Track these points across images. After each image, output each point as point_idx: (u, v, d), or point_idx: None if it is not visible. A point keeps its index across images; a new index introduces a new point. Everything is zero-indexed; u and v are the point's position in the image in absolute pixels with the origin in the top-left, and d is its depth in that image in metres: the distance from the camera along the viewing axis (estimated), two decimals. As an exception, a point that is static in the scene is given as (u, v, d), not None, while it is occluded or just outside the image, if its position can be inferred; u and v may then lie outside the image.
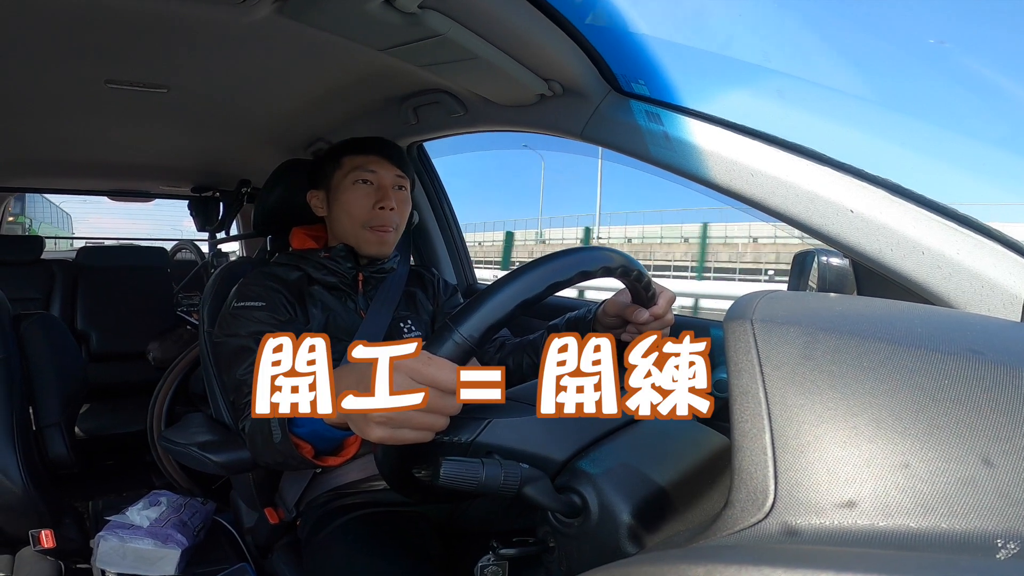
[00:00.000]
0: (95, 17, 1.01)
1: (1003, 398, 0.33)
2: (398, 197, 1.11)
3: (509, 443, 0.59)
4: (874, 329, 0.39)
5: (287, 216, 1.26)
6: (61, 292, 2.54)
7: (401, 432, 0.52)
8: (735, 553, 0.31)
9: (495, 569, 0.60)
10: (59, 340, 1.41)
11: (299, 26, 0.95)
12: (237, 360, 0.98)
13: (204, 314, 1.22)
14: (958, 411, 0.33)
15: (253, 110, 1.59)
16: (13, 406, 1.16)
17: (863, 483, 0.32)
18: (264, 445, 0.78)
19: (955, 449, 0.32)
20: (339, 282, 1.11)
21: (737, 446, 0.36)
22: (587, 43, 0.96)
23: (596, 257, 0.62)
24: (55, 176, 2.59)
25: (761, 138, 0.88)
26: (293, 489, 1.09)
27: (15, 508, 1.14)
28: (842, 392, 0.35)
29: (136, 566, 1.26)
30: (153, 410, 1.95)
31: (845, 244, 0.81)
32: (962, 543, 0.29)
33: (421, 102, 1.33)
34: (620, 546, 0.52)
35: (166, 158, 2.28)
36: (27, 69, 1.23)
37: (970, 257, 0.73)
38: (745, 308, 0.42)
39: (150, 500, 1.43)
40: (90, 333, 2.54)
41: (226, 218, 2.75)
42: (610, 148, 1.04)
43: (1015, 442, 0.32)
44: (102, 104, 1.50)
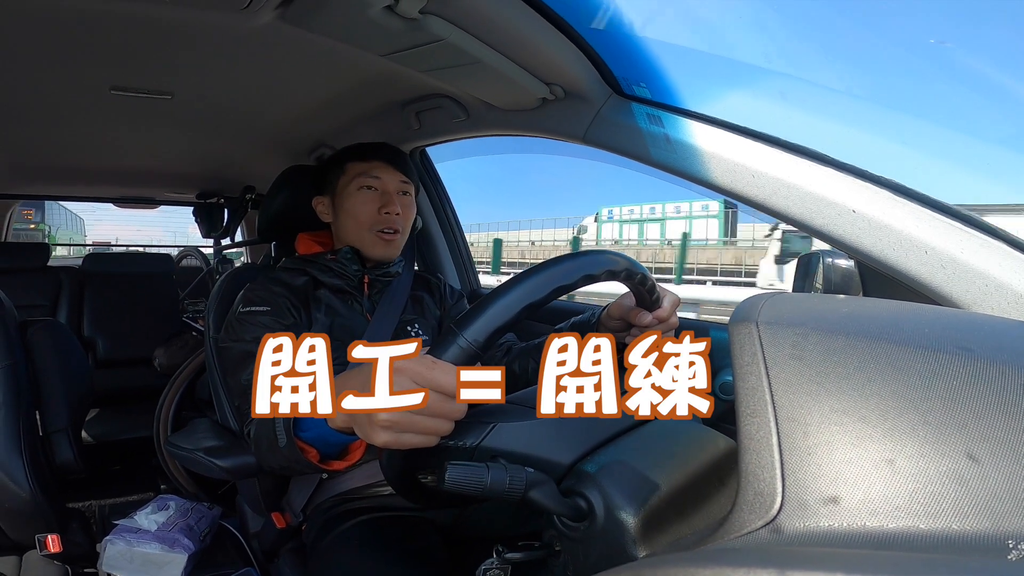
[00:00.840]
0: (100, 24, 1.02)
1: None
2: (403, 202, 1.12)
3: (514, 447, 0.59)
4: (881, 331, 0.39)
5: (291, 222, 1.27)
6: (68, 299, 2.55)
7: (406, 436, 0.53)
8: (742, 556, 0.31)
9: (498, 572, 0.60)
10: (66, 346, 1.42)
11: (302, 32, 0.96)
12: (242, 365, 0.98)
13: (210, 320, 1.23)
14: (961, 411, 0.33)
15: (257, 116, 1.59)
16: (20, 412, 1.16)
17: (871, 486, 0.32)
18: (269, 449, 0.78)
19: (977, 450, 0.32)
20: (345, 284, 1.12)
21: (744, 448, 0.36)
22: (588, 47, 0.96)
23: (600, 261, 0.62)
24: (60, 183, 2.61)
25: (763, 139, 0.88)
26: (301, 494, 1.09)
27: (22, 513, 1.14)
28: (850, 394, 0.35)
29: (143, 570, 1.26)
30: (159, 415, 1.95)
31: (849, 245, 0.81)
32: (973, 544, 0.29)
33: (423, 107, 1.33)
34: (626, 549, 0.52)
35: (171, 164, 2.29)
36: (32, 76, 1.24)
37: (976, 257, 0.73)
38: (750, 310, 0.42)
39: (158, 504, 1.43)
40: (96, 339, 2.55)
41: (231, 224, 2.77)
42: (612, 151, 1.04)
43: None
44: (107, 111, 1.51)
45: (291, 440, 0.72)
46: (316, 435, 0.70)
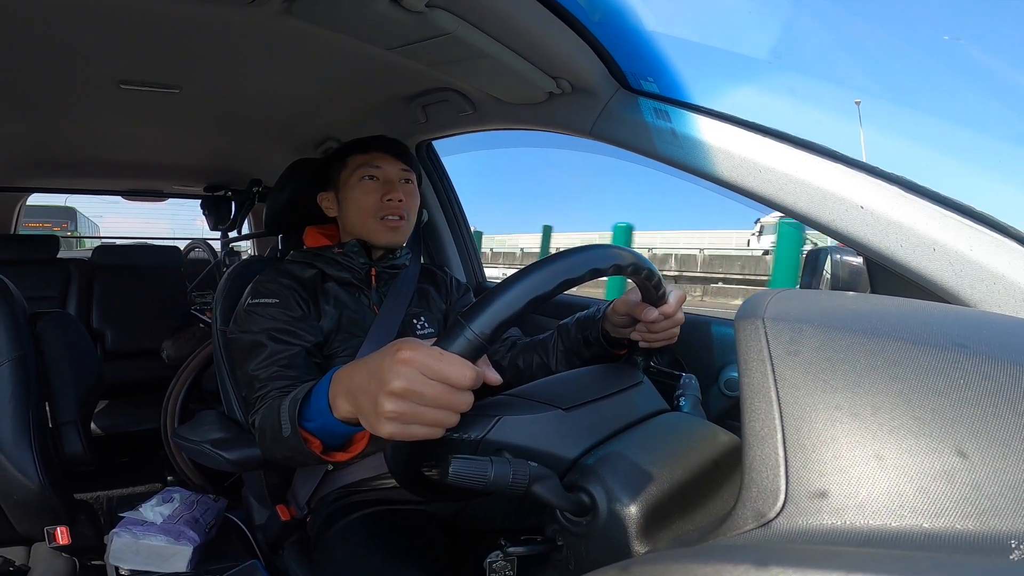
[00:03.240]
0: (108, 19, 1.02)
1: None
2: (405, 190, 1.12)
3: (518, 441, 0.59)
4: (888, 328, 0.38)
5: (298, 215, 1.27)
6: (77, 291, 2.57)
7: (411, 428, 0.53)
8: (745, 553, 0.30)
9: (504, 564, 0.60)
10: (75, 338, 1.42)
11: (308, 26, 0.96)
12: (250, 355, 0.99)
13: (217, 312, 1.23)
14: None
15: (264, 110, 1.60)
16: (30, 404, 1.17)
17: (875, 483, 0.32)
18: (273, 439, 0.78)
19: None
20: (353, 277, 1.12)
21: (748, 445, 0.36)
22: (596, 40, 0.96)
23: (607, 255, 0.62)
24: (69, 176, 2.62)
25: (771, 135, 0.87)
26: (306, 487, 1.10)
27: (31, 505, 1.15)
28: (855, 391, 0.35)
29: (149, 562, 1.27)
30: (166, 407, 1.97)
31: (857, 241, 0.80)
32: (975, 544, 0.29)
33: (430, 101, 1.33)
34: (629, 545, 0.52)
35: (179, 157, 2.30)
36: (41, 70, 1.25)
37: (985, 254, 0.72)
38: (756, 306, 0.41)
39: (163, 497, 1.44)
40: (105, 331, 2.57)
41: (238, 217, 2.78)
42: (619, 146, 1.04)
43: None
44: (115, 105, 1.51)
45: (295, 430, 0.72)
46: (320, 425, 0.71)
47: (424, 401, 0.52)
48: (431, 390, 0.51)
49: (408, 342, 0.53)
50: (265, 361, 0.96)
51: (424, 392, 0.51)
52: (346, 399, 0.62)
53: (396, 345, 0.53)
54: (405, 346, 0.52)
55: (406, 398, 0.51)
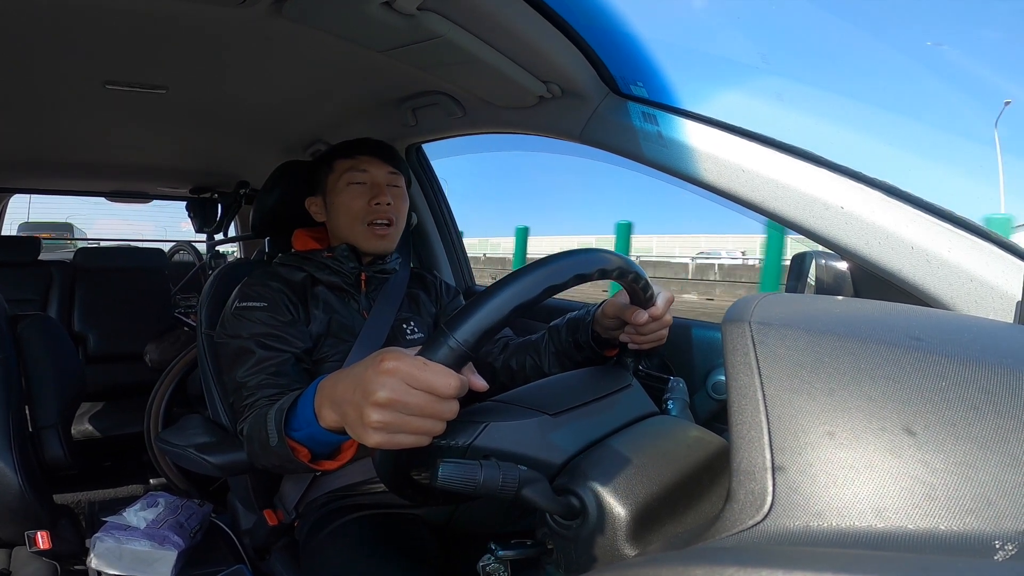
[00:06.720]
0: (94, 18, 1.01)
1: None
2: (393, 193, 1.11)
3: (506, 446, 0.59)
4: (871, 331, 0.39)
5: (285, 218, 1.26)
6: (59, 293, 2.52)
7: (398, 437, 0.53)
8: (733, 555, 0.31)
9: (497, 567, 0.60)
10: (56, 341, 1.40)
11: (298, 27, 0.95)
12: (238, 361, 0.97)
13: (202, 315, 1.22)
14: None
15: (252, 111, 1.59)
16: (10, 407, 1.15)
17: (861, 485, 0.32)
18: (261, 448, 0.77)
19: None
20: (342, 282, 1.11)
21: (735, 447, 0.36)
22: (586, 45, 0.96)
23: (592, 259, 0.62)
24: (54, 177, 2.58)
25: (759, 140, 0.88)
26: (294, 491, 1.08)
27: (11, 510, 1.13)
28: (841, 394, 0.35)
29: (132, 567, 1.25)
30: (150, 411, 1.95)
31: (841, 245, 0.82)
32: (960, 544, 0.30)
33: (420, 103, 1.33)
34: (618, 548, 0.52)
35: (165, 159, 2.28)
36: (26, 70, 1.23)
37: (965, 258, 0.73)
38: (743, 310, 0.42)
39: (147, 501, 1.43)
40: (87, 334, 2.53)
41: (224, 219, 2.75)
42: (608, 150, 1.04)
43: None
44: (101, 105, 1.49)
45: (283, 439, 0.72)
46: (307, 435, 0.70)
47: (409, 411, 0.52)
48: (416, 399, 0.51)
49: (392, 352, 0.53)
50: (253, 368, 0.95)
51: (409, 402, 0.51)
52: (331, 409, 0.61)
53: (380, 355, 0.53)
54: (389, 356, 0.52)
55: (391, 408, 0.51)
